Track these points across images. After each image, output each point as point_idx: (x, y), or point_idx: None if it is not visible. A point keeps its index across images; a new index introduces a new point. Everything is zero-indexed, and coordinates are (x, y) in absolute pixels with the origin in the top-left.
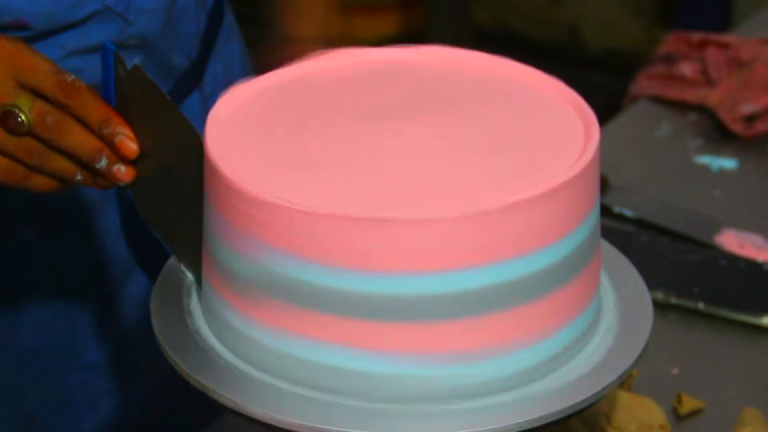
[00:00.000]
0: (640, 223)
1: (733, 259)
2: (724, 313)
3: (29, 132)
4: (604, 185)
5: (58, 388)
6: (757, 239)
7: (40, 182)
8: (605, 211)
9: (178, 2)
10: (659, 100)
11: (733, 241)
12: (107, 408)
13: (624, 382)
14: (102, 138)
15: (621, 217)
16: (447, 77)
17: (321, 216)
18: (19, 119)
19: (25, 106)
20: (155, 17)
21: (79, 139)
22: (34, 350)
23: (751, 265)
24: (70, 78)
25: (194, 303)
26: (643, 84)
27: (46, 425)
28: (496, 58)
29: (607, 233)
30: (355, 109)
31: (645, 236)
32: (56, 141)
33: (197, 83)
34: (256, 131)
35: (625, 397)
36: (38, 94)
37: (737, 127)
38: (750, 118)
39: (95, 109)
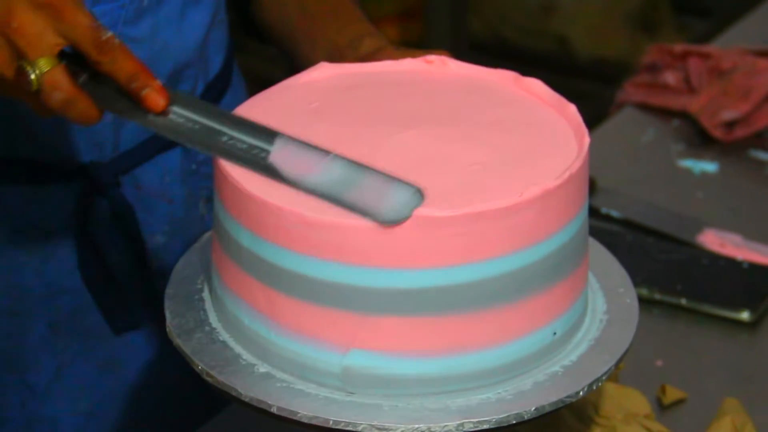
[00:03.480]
0: (626, 224)
1: (714, 258)
2: (706, 308)
3: (38, 92)
4: (592, 187)
5: None
6: (736, 238)
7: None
8: (593, 211)
9: (178, 56)
10: (644, 107)
11: (714, 241)
12: (42, 430)
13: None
14: (131, 92)
15: (608, 218)
16: (446, 86)
17: (313, 216)
18: (30, 78)
19: (42, 68)
20: (139, 48)
21: (81, 115)
22: None
23: (731, 263)
24: (106, 35)
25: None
26: (629, 92)
27: None
28: (493, 69)
29: (594, 233)
30: (359, 115)
31: (631, 236)
32: (58, 112)
33: None
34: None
35: (611, 388)
36: (73, 50)
37: (718, 133)
38: (730, 124)
39: (125, 66)
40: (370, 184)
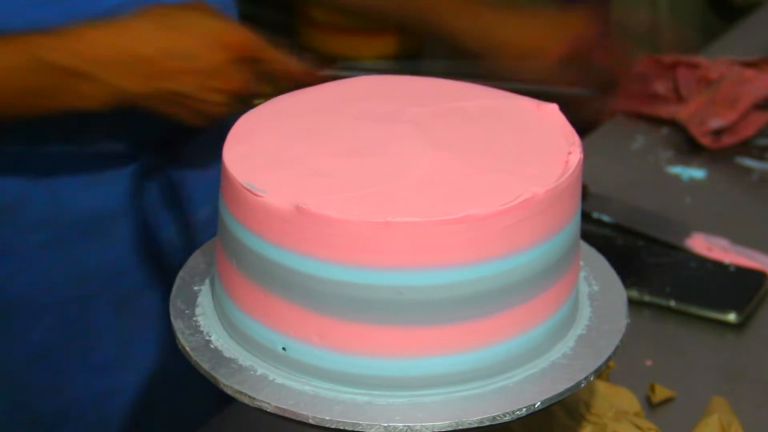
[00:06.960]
0: (617, 228)
1: (702, 261)
2: (694, 309)
3: None
4: (584, 193)
5: (64, 388)
6: (723, 242)
7: None
8: (585, 216)
9: None
10: (635, 116)
11: (701, 244)
12: (110, 408)
13: (602, 373)
14: None
15: (599, 222)
16: (444, 99)
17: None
18: None
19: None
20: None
21: None
22: (43, 351)
23: (718, 266)
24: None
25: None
26: (620, 101)
27: (48, 424)
28: (491, 88)
29: (586, 237)
30: (359, 123)
31: (621, 239)
32: None
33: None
34: (271, 142)
35: (602, 387)
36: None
37: (705, 141)
38: (717, 132)
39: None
40: None
